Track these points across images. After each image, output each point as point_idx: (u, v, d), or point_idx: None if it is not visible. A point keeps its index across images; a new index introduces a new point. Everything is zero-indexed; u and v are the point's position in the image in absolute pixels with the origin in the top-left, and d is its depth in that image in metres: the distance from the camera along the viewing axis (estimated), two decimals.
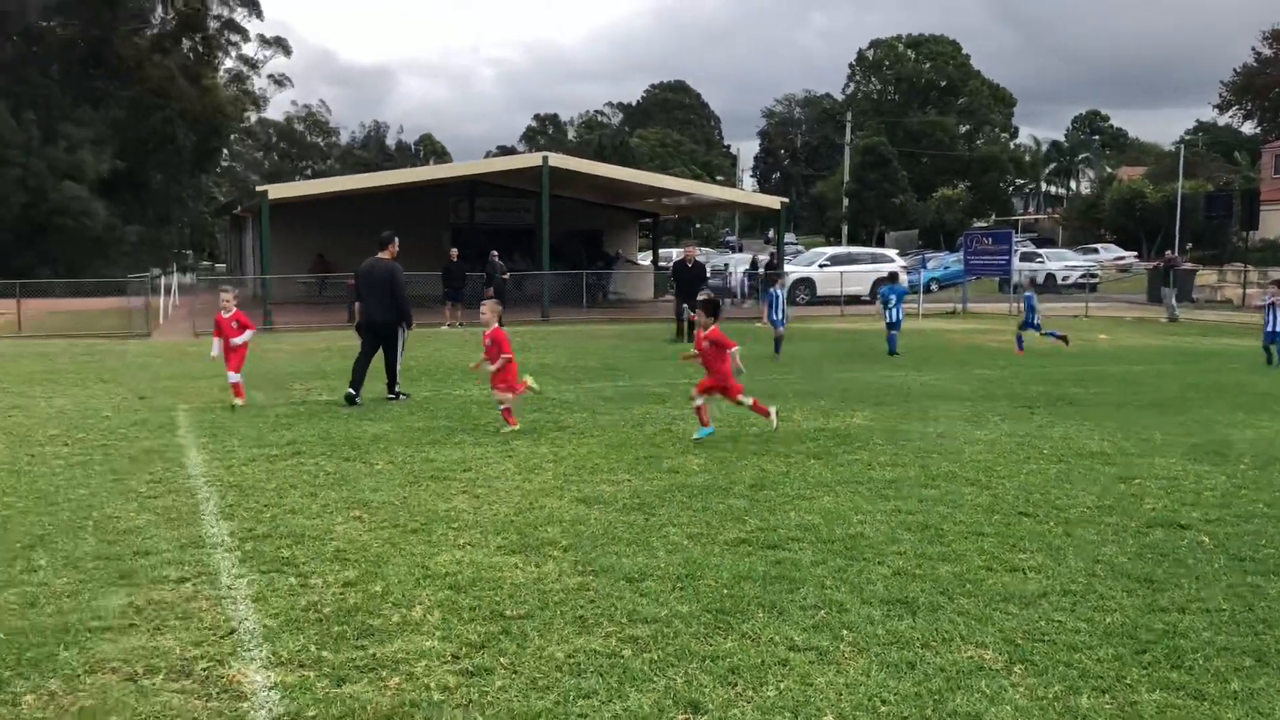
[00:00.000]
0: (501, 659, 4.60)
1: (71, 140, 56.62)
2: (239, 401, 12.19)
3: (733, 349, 9.90)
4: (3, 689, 4.30)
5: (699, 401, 10.02)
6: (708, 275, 29.57)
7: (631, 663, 4.55)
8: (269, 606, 5.26)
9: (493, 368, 10.79)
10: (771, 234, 67.18)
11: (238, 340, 12.46)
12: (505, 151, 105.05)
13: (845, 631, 4.92)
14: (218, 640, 4.82)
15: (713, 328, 10.05)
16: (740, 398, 10.03)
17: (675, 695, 4.24)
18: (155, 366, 17.35)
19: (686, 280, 22.74)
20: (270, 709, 4.11)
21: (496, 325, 10.97)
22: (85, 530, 6.72)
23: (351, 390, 12.39)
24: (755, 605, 5.27)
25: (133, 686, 4.33)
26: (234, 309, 12.58)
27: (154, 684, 4.35)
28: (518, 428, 10.43)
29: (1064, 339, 19.85)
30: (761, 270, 36.23)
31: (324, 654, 4.65)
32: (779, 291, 19.75)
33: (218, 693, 4.27)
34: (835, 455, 9.16)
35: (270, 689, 4.29)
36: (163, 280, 37.99)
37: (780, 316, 18.97)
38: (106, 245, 57.63)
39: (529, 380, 11.12)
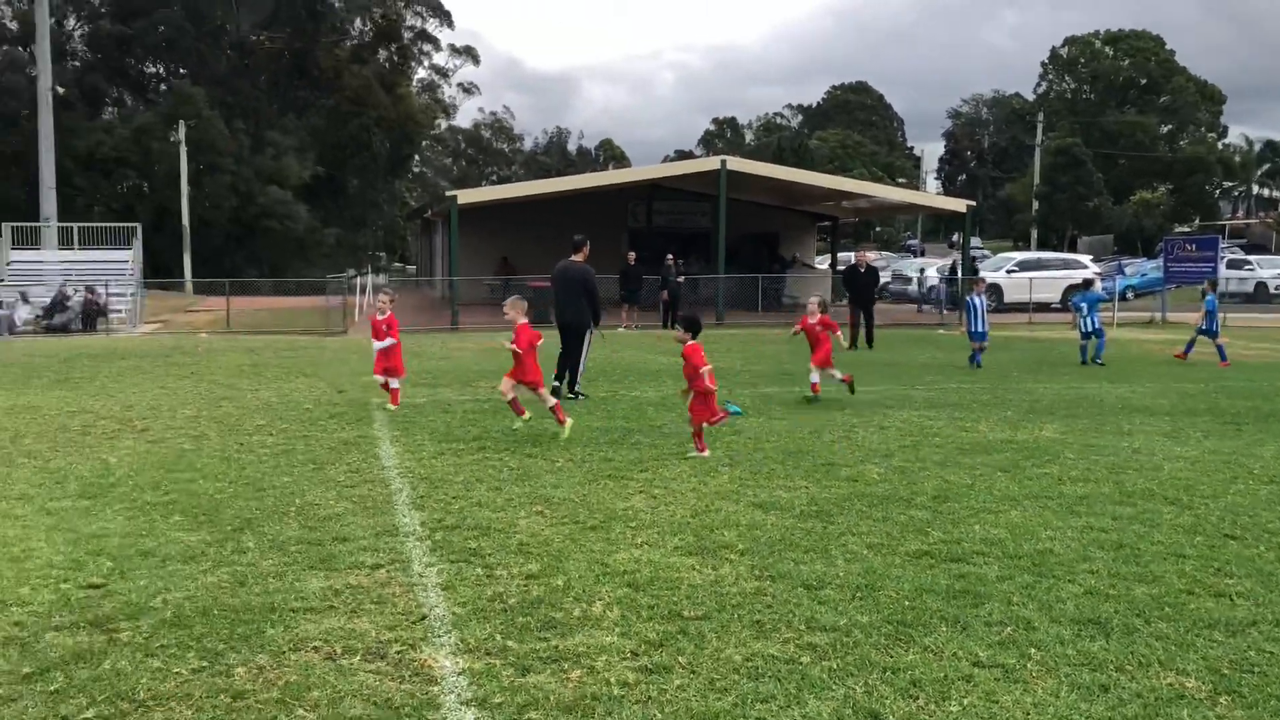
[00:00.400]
0: (680, 658, 4.64)
1: (277, 147, 60.24)
2: (392, 406, 12.05)
3: (704, 368, 9.42)
4: (217, 661, 4.61)
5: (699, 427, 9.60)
6: (881, 281, 28.91)
7: (810, 669, 4.52)
8: (457, 595, 5.47)
9: (510, 345, 10.41)
10: (956, 238, 65.29)
11: (378, 345, 12.20)
12: (683, 155, 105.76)
13: (1033, 650, 4.75)
14: (410, 625, 5.04)
15: (689, 344, 9.62)
16: (714, 420, 9.64)
17: (855, 704, 4.18)
18: (351, 362, 18.22)
19: (859, 286, 22.33)
20: (459, 694, 4.27)
21: (523, 320, 10.62)
22: (289, 515, 7.14)
23: (556, 383, 12.90)
24: (938, 619, 5.14)
25: (332, 665, 4.57)
26: (389, 312, 12.34)
27: (351, 664, 4.59)
28: (527, 417, 10.41)
29: (1186, 346, 19.31)
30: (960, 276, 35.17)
31: (509, 643, 4.80)
32: (978, 300, 18.17)
33: (410, 675, 4.47)
34: (1023, 468, 8.84)
35: (459, 674, 4.46)
36: (358, 280, 39.89)
37: (982, 327, 17.66)
38: (307, 247, 61.09)
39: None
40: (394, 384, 12.32)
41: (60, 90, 39.02)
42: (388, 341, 12.23)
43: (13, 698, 4.25)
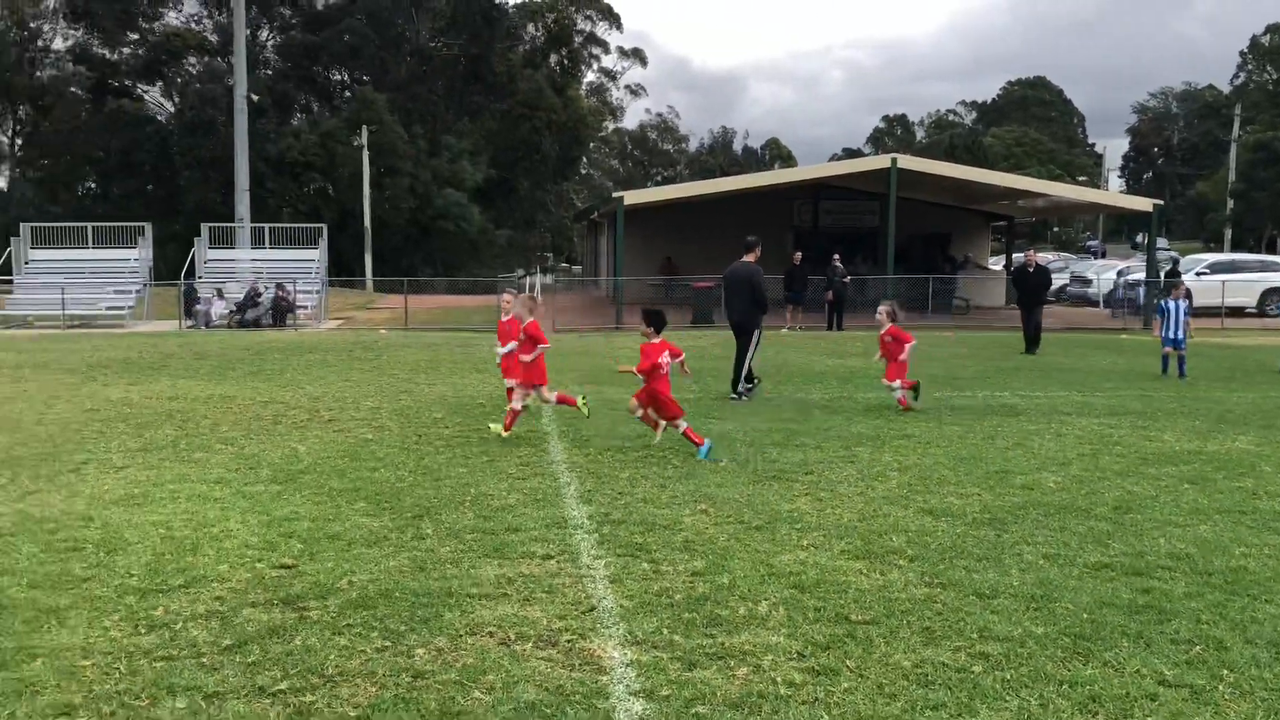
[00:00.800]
0: (847, 661, 4.60)
1: (453, 151, 62.28)
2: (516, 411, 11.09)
3: (638, 372, 9.32)
4: (399, 641, 4.83)
5: (682, 425, 9.44)
6: (1056, 283, 27.74)
7: (982, 679, 4.41)
8: (624, 588, 5.56)
9: (527, 358, 10.23)
10: (1140, 239, 62.22)
11: (501, 350, 11.57)
12: (851, 154, 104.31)
13: (1225, 671, 4.51)
14: (579, 615, 5.16)
15: (658, 340, 9.38)
16: (678, 423, 9.47)
17: (1029, 717, 4.07)
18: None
19: (1028, 287, 21.54)
20: (627, 684, 4.35)
21: (530, 318, 10.34)
22: (464, 505, 7.40)
23: (750, 385, 13.16)
24: (1119, 633, 4.94)
25: (506, 651, 4.73)
26: (511, 314, 11.73)
27: (524, 650, 4.73)
28: (506, 436, 9.99)
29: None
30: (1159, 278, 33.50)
31: (675, 638, 4.86)
32: (1172, 304, 16.64)
33: (580, 664, 4.58)
34: (1214, 481, 8.37)
35: (627, 665, 4.54)
36: (527, 280, 40.87)
37: (1180, 334, 16.32)
38: (480, 247, 62.99)
39: (581, 400, 10.53)
40: (511, 383, 11.37)
41: (254, 98, 41.39)
42: (510, 346, 11.51)
43: (215, 667, 4.56)
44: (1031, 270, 21.79)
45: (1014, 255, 44.30)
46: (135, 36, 64.72)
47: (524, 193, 71.43)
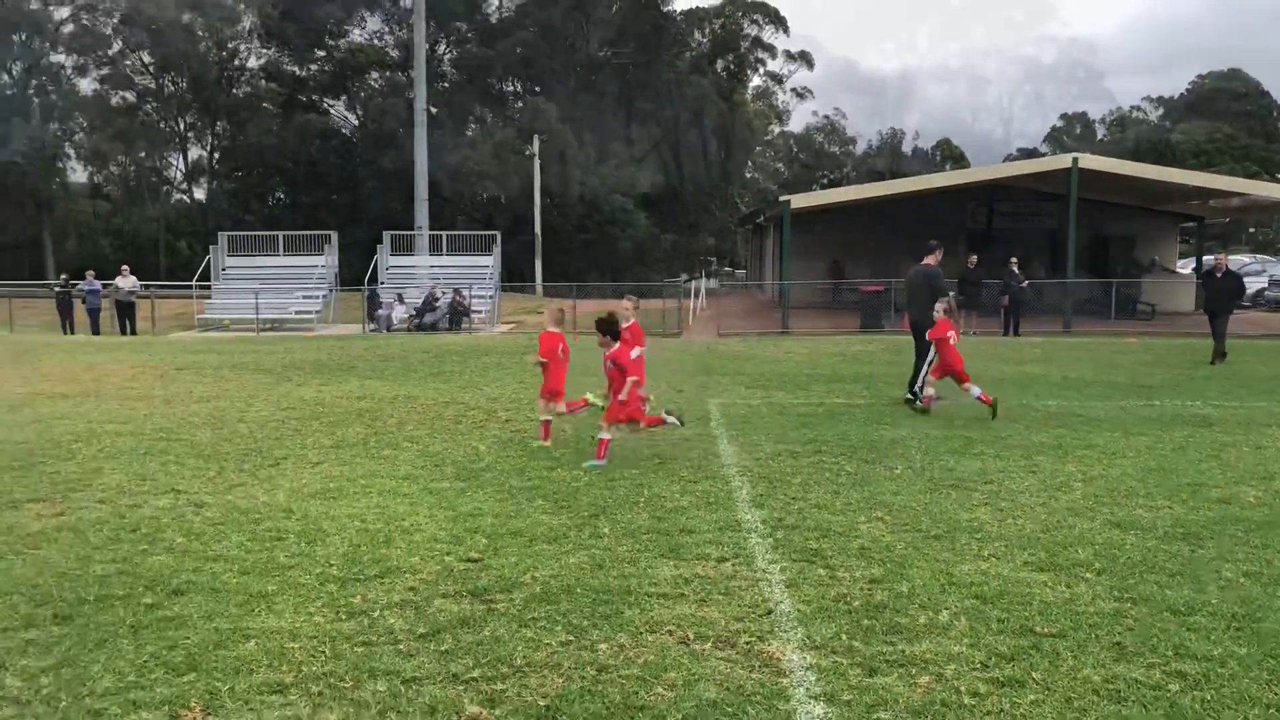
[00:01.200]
0: (1033, 674, 4.50)
1: (620, 158, 63.20)
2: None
3: (630, 379, 9.02)
4: (582, 636, 4.98)
5: (604, 434, 9.12)
6: (1243, 289, 26.11)
7: (1179, 698, 4.25)
8: (801, 593, 5.57)
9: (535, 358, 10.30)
10: None
11: (633, 355, 10.28)
12: (1026, 154, 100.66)
13: None
14: (757, 618, 5.20)
15: (615, 348, 9.16)
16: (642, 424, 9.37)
17: None
18: (687, 364, 18.84)
19: (1218, 293, 20.37)
20: (808, 688, 4.37)
21: (552, 329, 10.50)
22: (639, 505, 7.54)
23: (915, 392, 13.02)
24: None
25: (686, 649, 4.81)
26: (632, 319, 10.99)
27: (703, 650, 4.81)
28: (548, 444, 10.00)
29: None
30: None
31: (854, 644, 4.85)
32: None
33: (759, 665, 4.62)
34: None
35: (806, 669, 4.56)
36: (692, 284, 41.09)
37: None
38: (645, 252, 63.70)
39: (590, 396, 10.19)
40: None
41: (433, 110, 42.95)
42: (636, 351, 10.43)
43: (411, 653, 4.80)
44: (1220, 275, 20.62)
45: (1204, 258, 41.96)
46: (322, 54, 68.17)
47: (689, 198, 71.86)
